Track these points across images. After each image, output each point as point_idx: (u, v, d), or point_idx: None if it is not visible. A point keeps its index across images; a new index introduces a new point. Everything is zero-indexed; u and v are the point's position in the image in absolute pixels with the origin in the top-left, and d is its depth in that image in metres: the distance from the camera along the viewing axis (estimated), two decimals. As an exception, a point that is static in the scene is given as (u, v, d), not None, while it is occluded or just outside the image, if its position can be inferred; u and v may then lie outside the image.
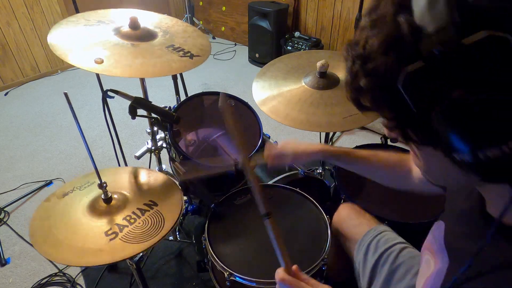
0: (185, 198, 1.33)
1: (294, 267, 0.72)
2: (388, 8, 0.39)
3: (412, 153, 0.52)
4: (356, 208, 1.11)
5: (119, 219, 0.96)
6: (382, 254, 0.95)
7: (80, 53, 1.14)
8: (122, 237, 0.90)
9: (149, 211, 0.98)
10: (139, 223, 0.94)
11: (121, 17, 1.36)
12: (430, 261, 0.62)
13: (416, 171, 0.87)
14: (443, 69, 0.35)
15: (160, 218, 0.96)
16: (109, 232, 0.91)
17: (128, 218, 0.96)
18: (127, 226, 0.93)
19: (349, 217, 1.09)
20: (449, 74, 0.35)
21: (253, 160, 1.09)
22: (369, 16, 0.42)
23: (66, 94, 0.80)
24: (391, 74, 0.39)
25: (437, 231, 0.64)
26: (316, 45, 3.25)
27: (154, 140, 1.54)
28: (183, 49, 1.28)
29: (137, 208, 0.99)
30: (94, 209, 0.98)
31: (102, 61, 1.10)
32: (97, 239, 0.90)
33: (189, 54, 1.26)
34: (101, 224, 0.94)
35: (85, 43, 1.18)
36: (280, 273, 0.70)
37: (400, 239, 0.99)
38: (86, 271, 1.64)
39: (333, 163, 0.99)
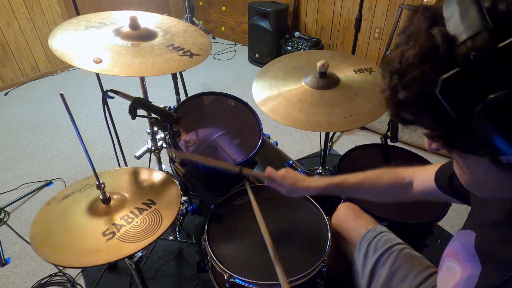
0: (185, 198, 1.33)
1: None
2: (421, 23, 0.42)
3: (457, 165, 0.53)
4: (354, 208, 1.11)
5: (117, 219, 0.95)
6: (382, 255, 0.95)
7: (79, 53, 1.14)
8: (119, 236, 0.90)
9: (147, 210, 0.98)
10: (137, 222, 0.94)
11: (122, 18, 1.36)
12: (456, 268, 0.63)
13: (418, 183, 0.88)
14: (479, 73, 0.37)
15: (158, 217, 0.96)
16: (107, 232, 0.91)
17: (126, 217, 0.96)
18: (125, 226, 0.93)
19: (347, 219, 1.09)
20: (485, 77, 0.37)
21: (254, 171, 1.11)
22: (403, 33, 0.44)
23: (62, 95, 0.79)
24: (428, 83, 0.40)
25: (465, 239, 0.64)
26: (316, 45, 3.25)
27: (154, 140, 1.54)
28: (182, 48, 1.28)
29: (135, 208, 0.99)
30: (93, 210, 0.98)
31: (101, 61, 1.10)
32: (95, 239, 0.90)
33: (189, 53, 1.26)
34: (99, 225, 0.94)
35: (85, 44, 1.18)
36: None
37: (399, 240, 0.99)
38: (86, 271, 1.64)
39: (331, 194, 1.01)
